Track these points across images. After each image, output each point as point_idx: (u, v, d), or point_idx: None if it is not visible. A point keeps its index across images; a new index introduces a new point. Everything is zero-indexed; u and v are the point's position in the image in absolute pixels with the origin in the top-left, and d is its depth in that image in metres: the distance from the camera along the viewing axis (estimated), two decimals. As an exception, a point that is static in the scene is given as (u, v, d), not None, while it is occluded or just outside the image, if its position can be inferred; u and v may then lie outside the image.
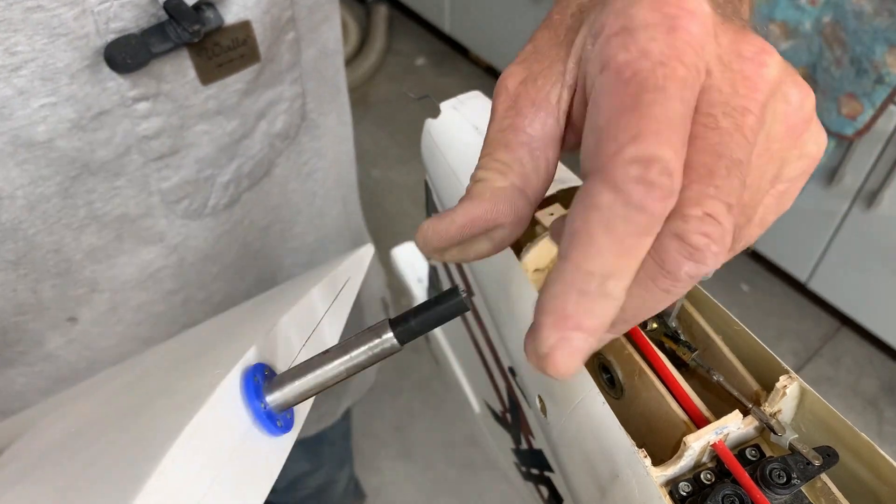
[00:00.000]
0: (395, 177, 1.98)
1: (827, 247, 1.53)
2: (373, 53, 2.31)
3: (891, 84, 1.23)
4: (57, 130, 0.36)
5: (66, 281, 0.42)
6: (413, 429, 1.47)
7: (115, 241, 0.43)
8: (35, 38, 0.33)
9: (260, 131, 0.46)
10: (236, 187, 0.47)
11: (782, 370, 0.28)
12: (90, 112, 0.37)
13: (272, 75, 0.44)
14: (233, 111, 0.43)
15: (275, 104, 0.46)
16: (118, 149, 0.39)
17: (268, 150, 0.48)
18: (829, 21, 1.29)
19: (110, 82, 0.36)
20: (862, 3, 1.23)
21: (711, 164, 0.19)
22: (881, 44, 1.21)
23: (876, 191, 1.37)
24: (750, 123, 0.19)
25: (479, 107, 0.40)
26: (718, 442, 0.27)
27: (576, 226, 0.18)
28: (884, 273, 1.46)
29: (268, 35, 0.42)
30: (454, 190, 0.38)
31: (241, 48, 0.40)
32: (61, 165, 0.38)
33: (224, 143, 0.44)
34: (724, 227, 0.18)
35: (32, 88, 0.34)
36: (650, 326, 0.33)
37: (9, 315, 0.42)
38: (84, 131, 0.37)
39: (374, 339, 0.22)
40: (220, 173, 0.45)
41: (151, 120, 0.39)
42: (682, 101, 0.19)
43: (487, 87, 2.27)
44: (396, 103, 2.20)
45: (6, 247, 0.39)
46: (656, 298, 0.20)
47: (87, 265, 0.42)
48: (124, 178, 0.41)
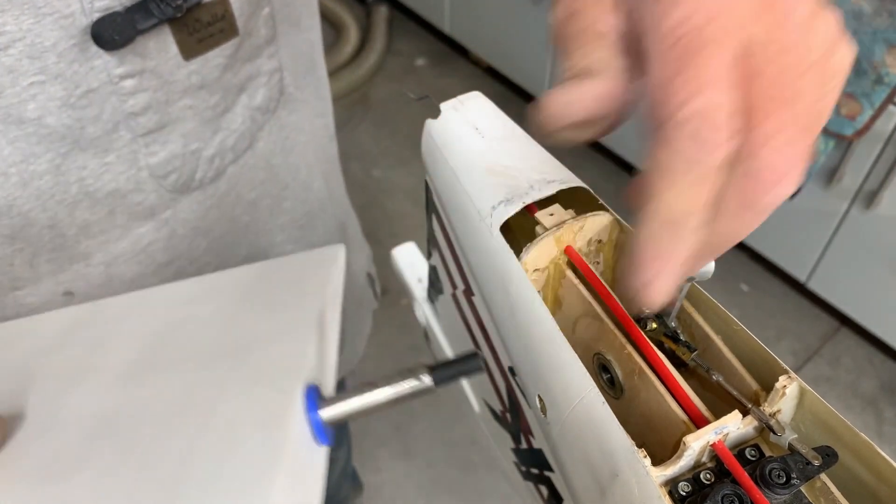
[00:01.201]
0: (396, 177, 1.98)
1: (826, 247, 1.54)
2: (373, 54, 2.31)
3: (890, 84, 1.23)
4: (47, 108, 0.38)
5: (61, 255, 0.43)
6: (413, 428, 1.47)
7: (107, 216, 0.44)
8: (21, 17, 0.34)
9: (241, 105, 0.48)
10: (221, 160, 0.48)
11: (782, 370, 0.28)
12: (78, 90, 0.38)
13: (250, 49, 0.46)
14: (215, 85, 0.44)
15: (253, 78, 0.48)
16: (106, 125, 0.40)
17: (249, 124, 0.49)
18: (829, 21, 1.29)
19: (97, 60, 0.38)
20: (861, 3, 1.23)
21: (767, 105, 0.22)
22: (880, 44, 1.21)
23: (875, 191, 1.37)
24: (792, 61, 0.22)
25: (480, 107, 0.40)
26: (718, 442, 0.27)
27: (650, 182, 0.22)
28: (883, 273, 1.46)
29: (245, 10, 0.43)
30: (454, 190, 0.38)
31: (220, 23, 0.42)
32: (52, 142, 0.39)
33: (207, 116, 0.45)
34: (792, 157, 0.22)
35: (21, 67, 0.36)
36: (649, 326, 0.33)
37: (6, 289, 0.43)
38: (73, 108, 0.38)
39: (414, 381, 0.29)
40: (205, 147, 0.46)
41: (138, 96, 0.40)
42: (725, 56, 0.21)
43: (487, 87, 2.27)
44: (396, 104, 2.20)
45: (2, 223, 0.40)
46: (743, 226, 0.23)
47: (81, 240, 0.44)
48: (113, 154, 0.42)
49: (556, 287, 0.37)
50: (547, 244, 0.35)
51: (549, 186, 0.35)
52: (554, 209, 0.35)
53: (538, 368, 0.33)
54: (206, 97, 0.44)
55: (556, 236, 0.35)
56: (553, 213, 0.35)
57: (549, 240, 0.35)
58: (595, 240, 0.36)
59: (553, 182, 0.35)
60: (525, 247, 0.34)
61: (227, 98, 0.46)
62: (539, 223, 0.35)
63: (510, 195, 0.35)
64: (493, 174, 0.36)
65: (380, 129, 2.10)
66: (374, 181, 1.96)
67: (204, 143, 0.46)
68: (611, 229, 0.36)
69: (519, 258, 0.34)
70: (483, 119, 0.39)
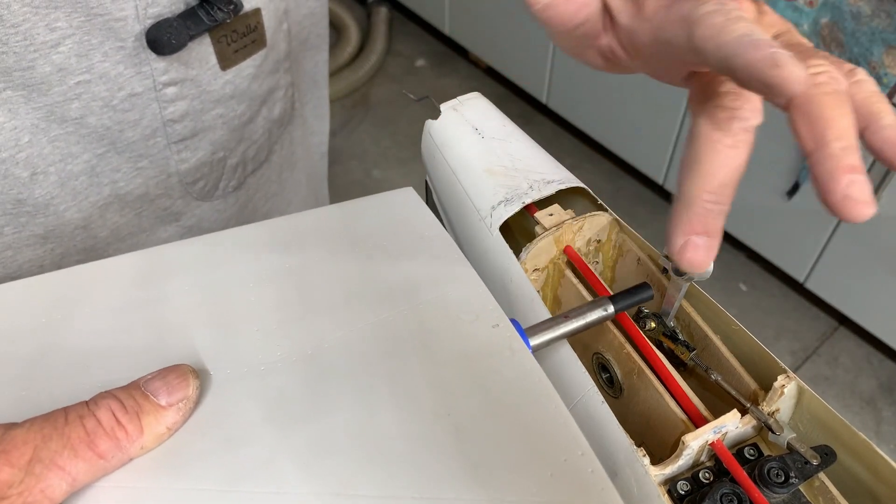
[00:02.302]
0: (396, 177, 1.98)
1: (825, 247, 1.54)
2: (373, 55, 2.31)
3: (888, 85, 1.23)
4: (89, 108, 0.38)
5: (89, 256, 0.44)
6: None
7: (135, 218, 0.45)
8: (73, 15, 0.35)
9: (262, 116, 0.48)
10: (243, 170, 0.49)
11: (780, 369, 0.28)
12: (122, 92, 0.39)
13: (273, 62, 0.47)
14: (243, 95, 0.45)
15: (274, 91, 0.49)
16: (145, 131, 0.41)
17: (267, 136, 0.50)
18: (827, 22, 1.30)
19: (145, 67, 0.39)
20: (860, 4, 1.23)
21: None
22: (879, 45, 1.22)
23: (874, 191, 1.38)
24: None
25: (479, 108, 0.40)
26: (717, 441, 0.27)
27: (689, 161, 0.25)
28: (881, 273, 1.46)
29: (272, 23, 0.44)
30: (454, 190, 0.38)
31: (253, 34, 0.43)
32: (90, 143, 0.39)
33: (234, 125, 0.46)
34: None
35: (69, 65, 0.36)
36: (648, 326, 0.33)
37: None
38: (115, 111, 0.39)
39: (601, 311, 0.32)
40: (230, 155, 0.47)
41: (177, 104, 0.41)
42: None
43: (487, 88, 2.27)
44: (397, 104, 2.20)
45: (37, 220, 0.40)
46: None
47: (111, 242, 0.44)
48: (147, 160, 0.43)
49: (556, 286, 0.37)
50: (546, 244, 0.35)
51: (549, 187, 0.35)
52: (553, 209, 0.35)
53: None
54: (235, 106, 0.45)
55: (555, 236, 0.35)
56: (552, 213, 0.35)
57: (548, 240, 0.35)
58: (594, 240, 0.36)
59: (552, 182, 0.36)
60: (524, 247, 0.35)
61: (252, 108, 0.47)
62: (538, 223, 0.35)
63: (510, 195, 0.35)
64: (492, 174, 0.37)
65: (380, 130, 2.10)
66: (374, 181, 1.97)
67: (229, 151, 0.47)
68: (610, 229, 0.36)
69: (518, 258, 0.34)
70: (483, 119, 0.39)
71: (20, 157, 0.37)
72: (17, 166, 0.38)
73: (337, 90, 2.24)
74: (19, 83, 0.35)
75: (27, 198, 0.39)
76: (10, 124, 0.36)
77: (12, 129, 0.36)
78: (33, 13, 0.34)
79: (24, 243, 0.41)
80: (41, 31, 0.34)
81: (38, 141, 0.38)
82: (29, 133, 0.37)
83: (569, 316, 0.32)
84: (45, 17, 0.34)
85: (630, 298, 0.32)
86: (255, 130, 0.48)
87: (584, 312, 0.32)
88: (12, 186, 0.38)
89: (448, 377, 0.27)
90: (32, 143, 0.38)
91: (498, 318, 0.29)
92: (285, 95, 0.50)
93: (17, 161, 0.37)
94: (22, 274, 0.42)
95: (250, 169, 0.50)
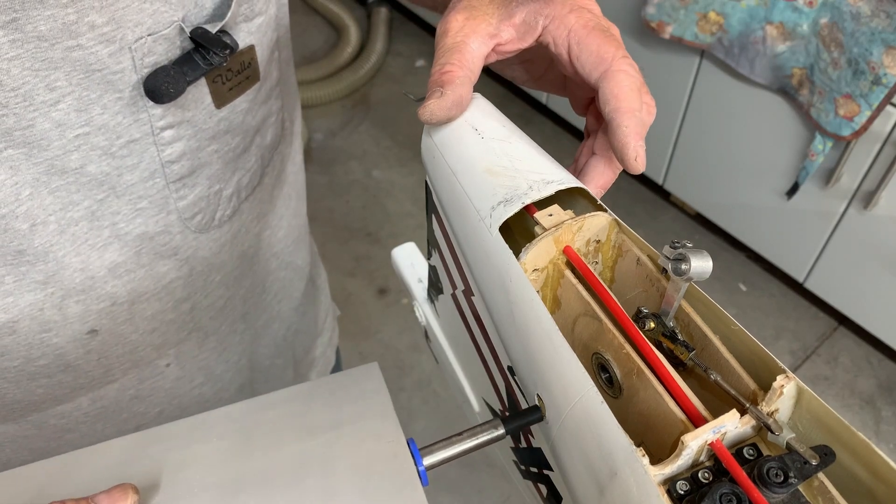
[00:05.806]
0: (396, 177, 1.98)
1: (824, 247, 1.54)
2: (373, 55, 2.31)
3: (888, 85, 1.23)
4: (89, 157, 0.38)
5: (89, 297, 0.44)
6: (413, 427, 1.47)
7: (134, 256, 0.45)
8: (73, 73, 0.35)
9: (255, 145, 0.49)
10: (238, 199, 0.49)
11: (779, 369, 0.28)
12: (120, 140, 0.39)
13: (266, 92, 0.47)
14: (237, 128, 0.45)
15: (267, 118, 0.49)
16: (143, 173, 0.41)
17: (260, 162, 0.51)
18: (827, 22, 1.30)
19: (142, 114, 0.38)
20: (859, 4, 1.23)
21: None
22: (878, 45, 1.22)
23: (873, 191, 1.38)
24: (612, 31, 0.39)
25: (479, 108, 0.40)
26: (716, 441, 0.27)
27: (618, 97, 0.37)
28: (881, 273, 1.46)
29: (265, 56, 0.44)
30: (454, 191, 0.38)
31: (247, 70, 0.43)
32: (90, 190, 0.40)
33: (229, 158, 0.46)
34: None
35: (69, 121, 0.36)
36: (648, 326, 0.33)
37: (34, 333, 0.43)
38: (113, 157, 0.39)
39: (493, 431, 0.36)
40: (226, 187, 0.48)
41: (175, 145, 0.41)
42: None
43: (487, 88, 2.27)
44: (397, 104, 2.20)
45: (37, 268, 0.40)
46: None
47: (109, 280, 0.44)
48: (146, 200, 0.43)
49: (555, 287, 0.37)
50: (546, 244, 0.35)
51: (548, 187, 0.35)
52: (553, 209, 0.35)
53: (537, 368, 0.33)
54: (230, 140, 0.45)
55: (554, 236, 0.35)
56: (552, 214, 0.35)
57: (547, 240, 0.35)
58: (594, 240, 0.36)
59: (552, 183, 0.36)
60: (524, 247, 0.35)
61: (246, 139, 0.47)
62: (538, 223, 0.35)
63: (509, 195, 0.35)
64: (492, 175, 0.37)
65: (380, 130, 2.10)
66: (374, 181, 1.97)
67: (224, 183, 0.47)
68: (609, 229, 0.36)
69: (518, 258, 0.34)
70: (482, 120, 0.39)
71: (20, 211, 0.37)
72: (17, 220, 0.38)
73: (337, 90, 2.24)
74: (20, 141, 0.35)
75: (27, 248, 0.39)
76: (12, 181, 0.36)
77: (13, 185, 0.36)
78: (33, 75, 0.34)
79: (25, 289, 0.41)
80: (41, 91, 0.34)
81: (38, 193, 0.38)
82: (30, 187, 0.37)
83: (462, 436, 0.36)
84: (45, 79, 0.34)
85: (520, 420, 0.35)
86: (248, 160, 0.48)
87: (477, 433, 0.36)
88: (12, 239, 0.38)
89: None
90: (33, 195, 0.38)
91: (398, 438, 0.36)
92: (277, 120, 0.51)
93: (16, 215, 0.37)
94: (23, 318, 0.42)
95: (244, 196, 0.50)
